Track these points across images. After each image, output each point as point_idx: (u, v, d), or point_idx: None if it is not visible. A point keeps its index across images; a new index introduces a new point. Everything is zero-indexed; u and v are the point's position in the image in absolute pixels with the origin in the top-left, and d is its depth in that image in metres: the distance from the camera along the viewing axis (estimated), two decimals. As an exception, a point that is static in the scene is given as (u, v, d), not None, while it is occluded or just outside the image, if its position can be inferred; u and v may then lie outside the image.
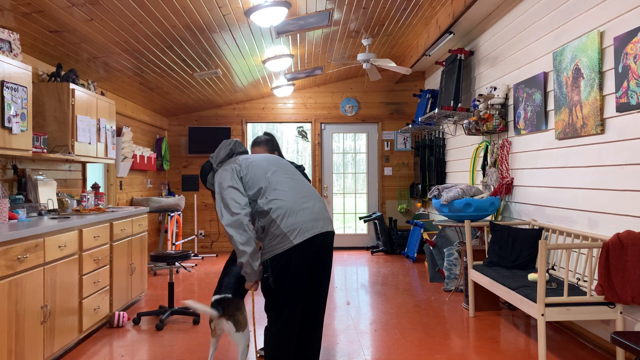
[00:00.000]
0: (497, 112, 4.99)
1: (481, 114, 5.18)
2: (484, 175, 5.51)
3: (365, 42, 5.84)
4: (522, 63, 4.67)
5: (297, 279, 2.65)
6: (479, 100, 5.25)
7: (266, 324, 2.85)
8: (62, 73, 4.50)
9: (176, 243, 7.47)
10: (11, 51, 3.70)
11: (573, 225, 3.83)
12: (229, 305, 2.93)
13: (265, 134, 3.45)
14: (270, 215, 2.65)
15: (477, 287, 4.57)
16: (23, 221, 3.57)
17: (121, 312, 4.35)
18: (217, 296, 2.98)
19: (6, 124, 3.38)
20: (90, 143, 4.68)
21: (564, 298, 3.13)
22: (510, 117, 4.93)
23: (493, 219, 5.16)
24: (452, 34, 5.75)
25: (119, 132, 6.26)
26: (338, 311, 4.71)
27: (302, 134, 8.78)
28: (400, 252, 8.19)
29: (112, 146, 5.25)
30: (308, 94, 8.67)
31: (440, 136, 7.25)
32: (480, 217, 4.82)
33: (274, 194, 2.70)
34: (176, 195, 8.37)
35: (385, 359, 3.46)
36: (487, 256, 4.38)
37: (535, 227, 4.29)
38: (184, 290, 5.66)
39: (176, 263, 6.13)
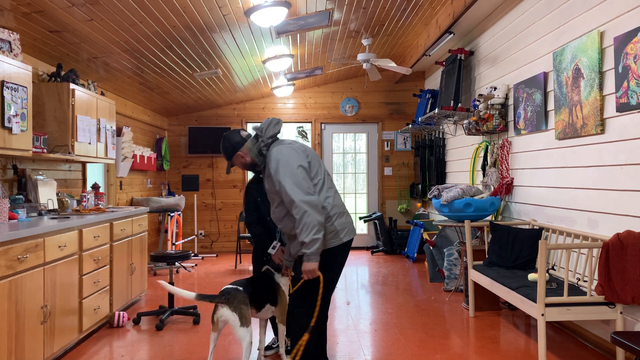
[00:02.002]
0: (497, 112, 4.99)
1: (481, 114, 5.18)
2: (484, 175, 5.51)
3: (365, 42, 5.84)
4: (522, 63, 4.67)
5: (338, 273, 2.87)
6: (479, 100, 5.25)
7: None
8: (62, 73, 4.50)
9: (176, 243, 7.47)
10: (11, 51, 3.70)
11: (573, 225, 3.83)
12: (237, 296, 2.95)
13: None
14: (328, 211, 2.77)
15: (477, 287, 4.57)
16: (23, 221, 3.57)
17: (121, 312, 4.35)
18: (228, 286, 3.02)
19: (6, 124, 3.38)
20: (90, 143, 4.68)
21: (564, 298, 3.13)
22: (510, 117, 4.93)
23: (493, 219, 5.16)
24: (452, 34, 5.75)
25: (119, 132, 6.26)
26: (338, 311, 4.71)
27: (302, 134, 8.77)
28: (400, 252, 8.19)
29: (112, 146, 5.25)
30: (308, 94, 8.68)
31: (440, 136, 7.25)
32: (480, 217, 4.82)
33: (329, 192, 2.83)
34: (176, 195, 8.37)
35: (385, 359, 3.46)
36: (487, 256, 4.38)
37: (535, 227, 4.29)
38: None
39: (176, 263, 6.13)
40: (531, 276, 3.66)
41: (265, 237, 3.47)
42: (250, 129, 8.75)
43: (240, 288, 3.00)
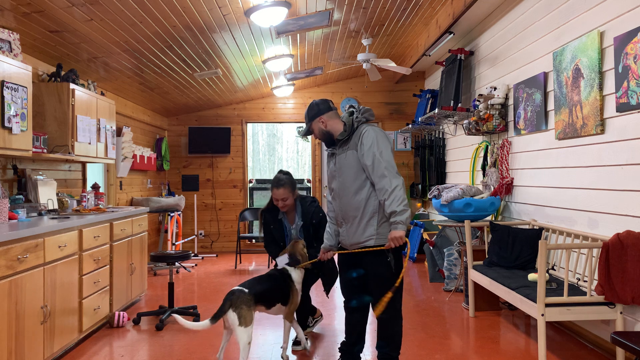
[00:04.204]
0: (497, 112, 4.99)
1: (481, 114, 5.18)
2: (484, 175, 5.51)
3: (365, 42, 5.84)
4: (522, 63, 4.67)
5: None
6: (479, 100, 5.25)
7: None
8: (62, 73, 4.50)
9: (176, 243, 7.47)
10: (11, 51, 3.70)
11: (573, 225, 3.83)
12: (240, 297, 3.06)
13: (285, 173, 3.71)
14: None
15: (477, 287, 4.57)
16: (23, 221, 3.57)
17: (121, 312, 4.35)
18: (235, 287, 3.15)
19: (6, 124, 3.38)
20: (90, 143, 4.68)
21: (564, 298, 3.13)
22: (510, 117, 4.93)
23: (493, 219, 5.16)
24: (452, 34, 5.75)
25: (119, 132, 6.26)
26: (338, 311, 4.71)
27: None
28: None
29: (112, 146, 5.25)
30: (308, 94, 8.67)
31: (440, 136, 7.25)
32: (480, 217, 4.82)
33: None
34: (176, 195, 8.37)
35: (385, 359, 3.46)
36: (487, 256, 4.38)
37: (535, 227, 4.29)
38: (184, 290, 5.66)
39: (176, 263, 6.13)
40: (531, 276, 3.66)
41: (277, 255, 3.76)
42: (249, 129, 8.73)
43: (246, 290, 3.12)
